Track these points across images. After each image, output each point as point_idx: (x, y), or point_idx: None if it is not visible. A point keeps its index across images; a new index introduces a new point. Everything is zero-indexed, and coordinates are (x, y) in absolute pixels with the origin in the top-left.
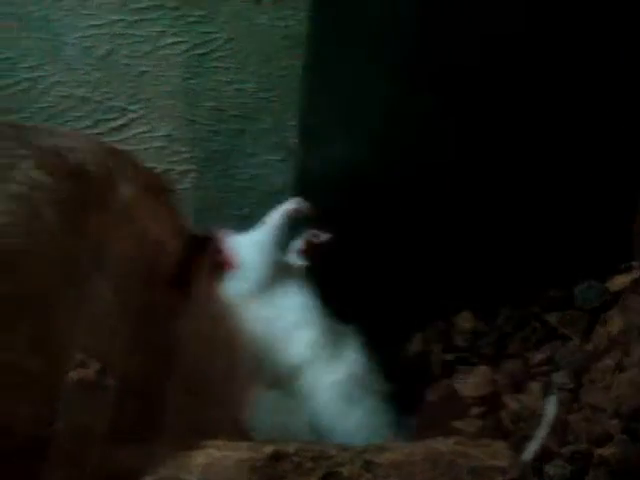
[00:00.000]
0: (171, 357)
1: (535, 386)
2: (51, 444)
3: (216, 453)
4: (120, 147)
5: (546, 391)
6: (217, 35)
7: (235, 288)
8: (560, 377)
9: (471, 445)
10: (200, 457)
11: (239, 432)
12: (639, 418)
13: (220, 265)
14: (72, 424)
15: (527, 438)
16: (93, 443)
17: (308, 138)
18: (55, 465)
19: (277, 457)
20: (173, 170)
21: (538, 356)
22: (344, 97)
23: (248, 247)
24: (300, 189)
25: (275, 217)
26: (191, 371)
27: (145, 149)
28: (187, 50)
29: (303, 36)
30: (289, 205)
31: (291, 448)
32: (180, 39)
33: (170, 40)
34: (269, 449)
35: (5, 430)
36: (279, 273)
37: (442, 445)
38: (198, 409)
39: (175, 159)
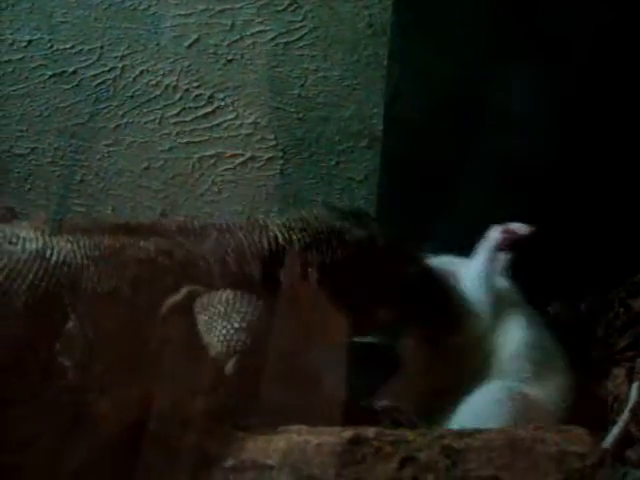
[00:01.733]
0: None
1: (619, 371)
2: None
3: (296, 438)
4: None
5: (630, 377)
6: (302, 23)
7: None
8: None
9: (551, 431)
10: (281, 442)
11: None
12: None
13: None
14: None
15: (610, 424)
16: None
17: (393, 126)
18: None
19: (357, 441)
20: (260, 157)
21: (622, 342)
22: (429, 85)
23: (470, 285)
24: (384, 177)
25: (488, 248)
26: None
27: (232, 136)
28: (273, 38)
29: (388, 24)
30: (499, 234)
31: (370, 433)
32: (266, 27)
33: (256, 29)
34: (349, 434)
35: None
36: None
37: (522, 431)
38: (288, 395)
39: (261, 146)
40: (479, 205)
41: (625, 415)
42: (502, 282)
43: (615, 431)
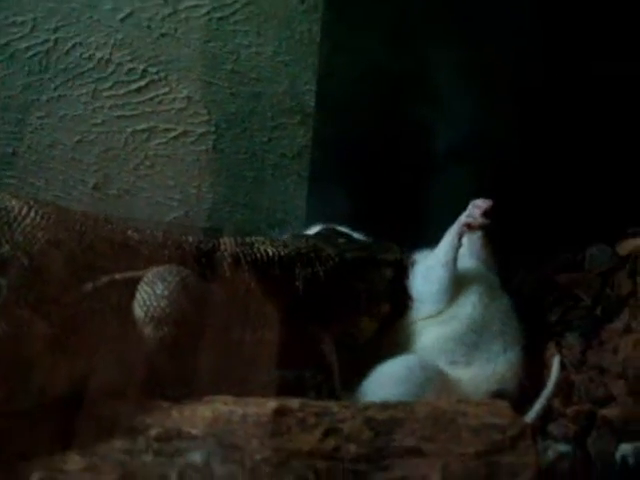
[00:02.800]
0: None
1: (551, 346)
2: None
3: (222, 407)
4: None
5: (560, 351)
6: None
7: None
8: (570, 338)
9: (472, 404)
10: (206, 411)
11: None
12: None
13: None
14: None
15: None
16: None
17: (325, 102)
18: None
19: (281, 412)
20: (192, 132)
21: (552, 316)
22: (361, 61)
23: (431, 270)
24: (317, 153)
25: (453, 235)
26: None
27: (165, 111)
28: (207, 13)
29: (320, 1)
30: (466, 220)
31: (295, 404)
32: (199, 2)
33: (190, 3)
34: (274, 404)
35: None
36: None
37: (444, 403)
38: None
39: (194, 121)
40: (410, 180)
41: (547, 390)
42: (469, 262)
43: (537, 406)
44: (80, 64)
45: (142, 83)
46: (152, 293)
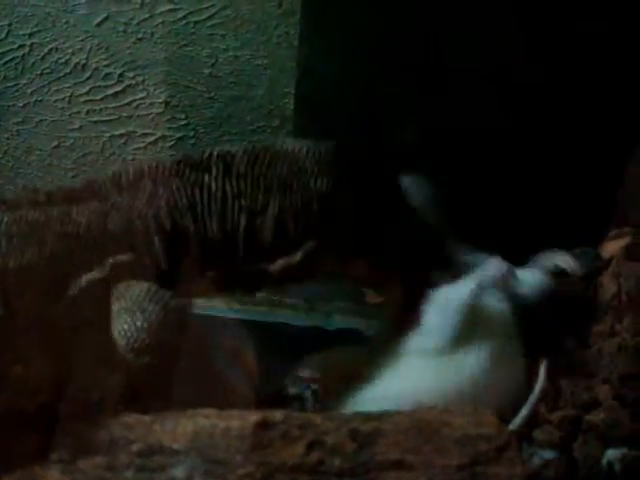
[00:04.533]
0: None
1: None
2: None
3: (204, 421)
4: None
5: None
6: (212, 2)
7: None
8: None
9: (457, 413)
10: (188, 425)
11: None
12: (629, 384)
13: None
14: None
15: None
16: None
17: (304, 105)
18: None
19: (264, 425)
20: (171, 136)
21: None
22: (339, 64)
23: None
24: None
25: (478, 281)
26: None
27: (142, 115)
28: (183, 17)
29: (298, 4)
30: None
31: (278, 416)
32: (176, 6)
33: (166, 7)
34: (256, 417)
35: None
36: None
37: (428, 414)
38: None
39: (172, 125)
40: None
41: (533, 395)
42: (492, 298)
43: (523, 412)
44: (56, 69)
45: (119, 88)
46: (132, 324)
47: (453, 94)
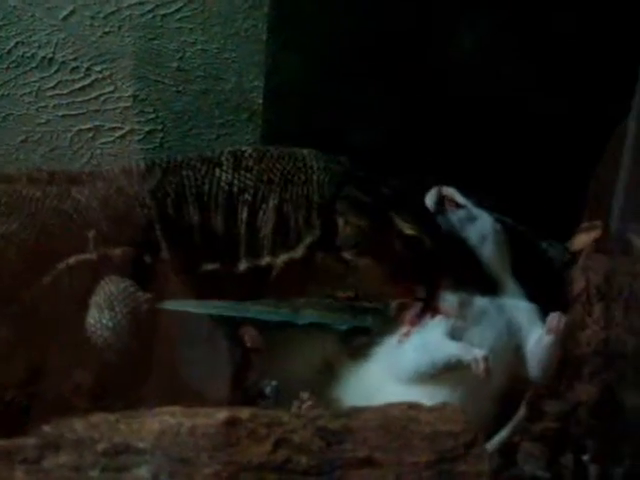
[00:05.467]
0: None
1: None
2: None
3: (170, 420)
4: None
5: None
6: None
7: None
8: None
9: (425, 410)
10: (154, 424)
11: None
12: (600, 376)
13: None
14: None
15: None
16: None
17: (272, 99)
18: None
19: (231, 423)
20: (139, 130)
21: None
22: (308, 57)
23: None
24: None
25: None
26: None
27: (110, 109)
28: (150, 10)
29: None
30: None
31: (245, 414)
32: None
33: (133, 0)
34: (223, 415)
35: None
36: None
37: (396, 410)
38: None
39: (141, 119)
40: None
41: (513, 421)
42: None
43: (502, 434)
44: (23, 63)
45: (86, 82)
46: (98, 320)
47: (421, 86)
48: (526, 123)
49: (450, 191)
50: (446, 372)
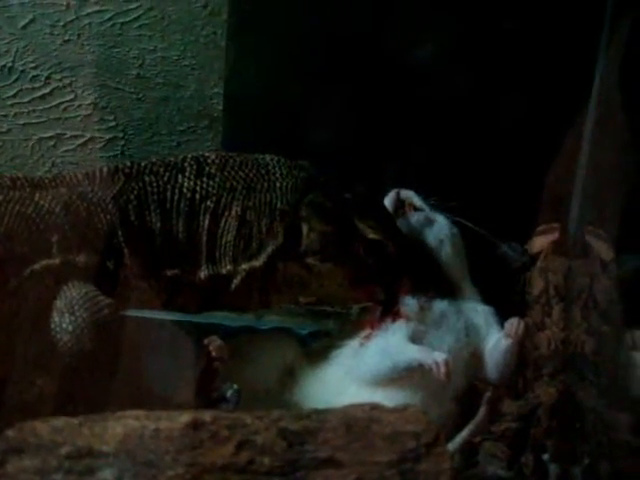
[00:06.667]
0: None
1: None
2: None
3: (134, 423)
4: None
5: None
6: (138, 3)
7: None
8: None
9: (386, 411)
10: (118, 428)
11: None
12: (559, 376)
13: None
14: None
15: None
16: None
17: (233, 105)
18: None
19: (194, 426)
20: (100, 138)
21: None
22: (267, 63)
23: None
24: None
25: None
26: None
27: (71, 117)
28: (110, 19)
29: (224, 4)
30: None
31: (207, 417)
32: (102, 7)
33: (92, 9)
34: (186, 418)
35: None
36: None
37: (358, 411)
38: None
39: (101, 127)
40: None
41: (474, 421)
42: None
43: (463, 434)
44: None
45: (47, 90)
46: (59, 324)
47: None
48: (482, 125)
49: (409, 194)
50: (407, 375)
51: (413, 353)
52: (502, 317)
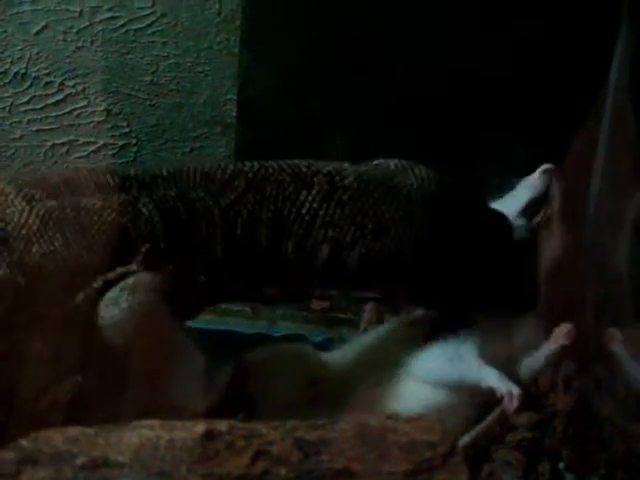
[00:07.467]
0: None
1: None
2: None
3: (149, 433)
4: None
5: None
6: (152, 10)
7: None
8: None
9: (402, 420)
10: (133, 438)
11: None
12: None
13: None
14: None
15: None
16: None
17: (246, 111)
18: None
19: (209, 436)
20: (113, 144)
21: None
22: (280, 70)
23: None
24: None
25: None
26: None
27: (84, 124)
28: (123, 25)
29: (237, 11)
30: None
31: (223, 427)
32: (115, 14)
33: (105, 15)
34: (201, 428)
35: None
36: None
37: (373, 420)
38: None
39: (114, 134)
40: None
41: (488, 419)
42: None
43: (473, 432)
44: None
45: (60, 97)
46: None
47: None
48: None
49: None
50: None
51: (489, 376)
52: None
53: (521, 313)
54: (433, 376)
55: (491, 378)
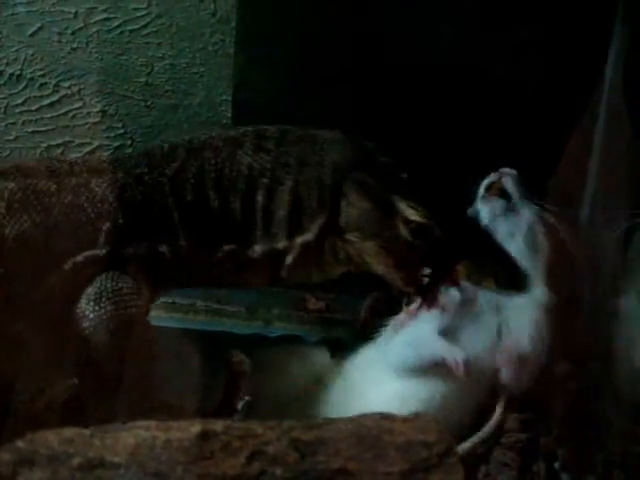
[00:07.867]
0: None
1: None
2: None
3: (145, 434)
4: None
5: None
6: (147, 11)
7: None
8: None
9: (398, 420)
10: (129, 438)
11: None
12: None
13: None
14: None
15: None
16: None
17: (241, 112)
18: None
19: (205, 437)
20: (108, 146)
21: None
22: (276, 70)
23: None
24: None
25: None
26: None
27: (79, 125)
28: (118, 26)
29: (232, 11)
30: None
31: (219, 427)
32: (110, 15)
33: (100, 16)
34: (197, 429)
35: None
36: None
37: (369, 421)
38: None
39: (110, 135)
40: None
41: (487, 427)
42: None
43: (473, 439)
44: None
45: (55, 98)
46: (83, 310)
47: (389, 100)
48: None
49: (505, 178)
50: (435, 368)
51: (438, 347)
52: None
53: None
54: (400, 366)
55: (439, 349)
